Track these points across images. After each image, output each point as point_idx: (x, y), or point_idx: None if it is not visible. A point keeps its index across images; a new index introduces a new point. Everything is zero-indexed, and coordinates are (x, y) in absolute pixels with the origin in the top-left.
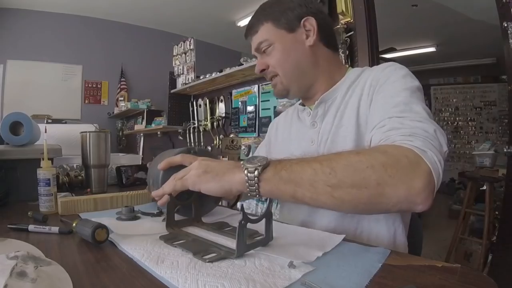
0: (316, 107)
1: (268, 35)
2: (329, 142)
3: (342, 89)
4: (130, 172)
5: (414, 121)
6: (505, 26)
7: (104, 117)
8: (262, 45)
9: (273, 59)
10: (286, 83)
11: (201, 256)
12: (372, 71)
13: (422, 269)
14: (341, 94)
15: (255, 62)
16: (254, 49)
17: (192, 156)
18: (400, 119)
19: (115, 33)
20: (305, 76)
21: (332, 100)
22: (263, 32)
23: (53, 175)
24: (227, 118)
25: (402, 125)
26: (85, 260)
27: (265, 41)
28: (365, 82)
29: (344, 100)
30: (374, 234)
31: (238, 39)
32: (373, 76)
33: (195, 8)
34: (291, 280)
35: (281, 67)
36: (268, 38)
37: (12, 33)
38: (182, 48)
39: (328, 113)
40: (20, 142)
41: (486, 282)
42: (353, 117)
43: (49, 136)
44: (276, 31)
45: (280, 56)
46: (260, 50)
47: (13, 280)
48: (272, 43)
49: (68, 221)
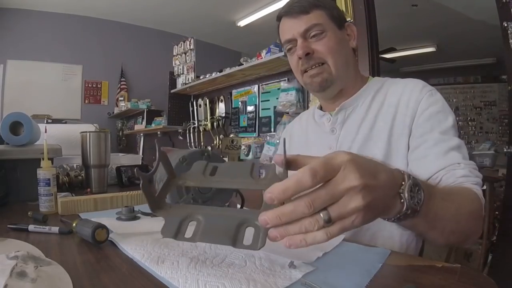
0: (336, 113)
1: (323, 21)
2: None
3: (366, 98)
4: (130, 172)
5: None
6: (505, 26)
7: (104, 117)
8: (313, 29)
9: (324, 46)
10: (336, 73)
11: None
12: (404, 86)
13: (422, 269)
14: (365, 104)
15: (255, 62)
16: (300, 30)
17: (323, 168)
18: (465, 167)
19: (115, 33)
20: (349, 74)
21: (353, 107)
22: (316, 16)
23: (53, 175)
24: (227, 118)
25: (471, 173)
26: (85, 260)
27: (319, 26)
28: (397, 99)
29: (370, 112)
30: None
31: (238, 39)
32: (410, 95)
33: (195, 8)
34: (292, 280)
35: (333, 55)
36: (323, 24)
37: (12, 33)
38: (182, 48)
39: (348, 120)
40: (20, 142)
41: (486, 282)
42: (384, 134)
43: (49, 136)
44: (329, 21)
45: (333, 44)
46: (308, 33)
47: (13, 280)
48: (325, 30)
49: (68, 221)
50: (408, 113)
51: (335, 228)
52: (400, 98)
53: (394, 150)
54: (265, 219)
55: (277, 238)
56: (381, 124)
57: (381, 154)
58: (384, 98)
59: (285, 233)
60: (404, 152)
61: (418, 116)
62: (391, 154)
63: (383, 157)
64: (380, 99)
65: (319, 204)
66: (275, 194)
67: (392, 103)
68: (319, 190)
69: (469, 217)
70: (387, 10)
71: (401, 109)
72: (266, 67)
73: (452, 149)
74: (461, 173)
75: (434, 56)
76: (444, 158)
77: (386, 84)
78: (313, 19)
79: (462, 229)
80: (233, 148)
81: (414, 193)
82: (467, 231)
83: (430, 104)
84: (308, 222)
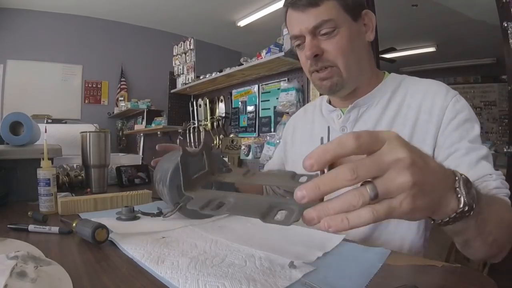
0: (349, 110)
1: (334, 15)
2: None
3: (382, 97)
4: (130, 172)
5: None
6: (505, 26)
7: (104, 117)
8: (324, 26)
9: (335, 46)
10: (347, 76)
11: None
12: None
13: (422, 269)
14: (381, 103)
15: (255, 62)
16: (309, 27)
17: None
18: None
19: (115, 33)
20: (362, 73)
21: (367, 106)
22: (328, 9)
23: (53, 175)
24: (227, 118)
25: (502, 185)
26: (85, 260)
27: (330, 21)
28: (418, 103)
29: (387, 113)
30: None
31: (238, 39)
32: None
33: (195, 8)
34: (292, 280)
35: (344, 57)
36: (335, 19)
37: (12, 33)
38: (182, 48)
39: (361, 119)
40: (20, 142)
41: (486, 282)
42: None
43: (49, 136)
44: (343, 14)
45: (345, 44)
46: (318, 31)
47: (13, 280)
48: (337, 27)
49: (68, 221)
50: (432, 120)
51: (382, 207)
52: (422, 102)
53: None
54: (302, 191)
55: (313, 220)
56: (400, 128)
57: None
58: (403, 99)
59: (324, 212)
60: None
61: (444, 125)
62: None
63: None
64: (398, 100)
65: (363, 172)
66: (314, 156)
67: (412, 106)
68: (363, 158)
69: (509, 226)
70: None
71: (423, 115)
72: (266, 67)
73: (482, 158)
74: (494, 185)
75: (434, 56)
76: (476, 168)
77: (404, 83)
78: (323, 13)
79: (503, 238)
80: (233, 148)
81: (468, 188)
82: (505, 242)
83: (457, 112)
84: (352, 195)
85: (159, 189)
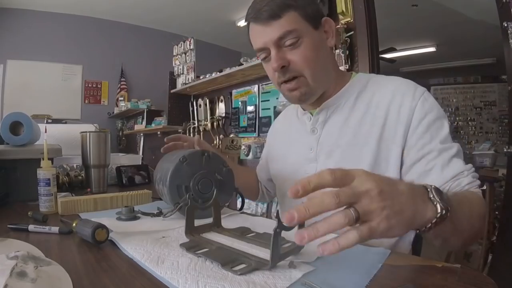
0: (317, 113)
1: (297, 25)
2: (337, 155)
3: (349, 98)
4: (130, 172)
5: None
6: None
7: (104, 117)
8: (288, 37)
9: (300, 56)
10: (314, 85)
11: (230, 267)
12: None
13: (422, 269)
14: (348, 103)
15: (255, 62)
16: (273, 39)
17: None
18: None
19: (115, 33)
20: (328, 79)
21: (335, 107)
22: (290, 20)
23: (53, 175)
24: (227, 118)
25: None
26: (85, 260)
27: (293, 32)
28: (387, 102)
29: (355, 112)
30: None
31: (238, 39)
32: (402, 100)
33: (195, 8)
34: (292, 280)
35: (309, 66)
36: (297, 29)
37: (12, 33)
38: (182, 48)
39: (329, 120)
40: (20, 142)
41: (486, 282)
42: (373, 139)
43: (49, 136)
44: (304, 23)
45: (309, 53)
46: (282, 42)
47: (13, 280)
48: (300, 36)
49: (68, 221)
50: (401, 120)
51: (364, 228)
52: (391, 101)
53: (383, 158)
54: (292, 213)
55: (304, 239)
56: (368, 127)
57: (369, 160)
58: (371, 98)
59: (314, 232)
60: (396, 162)
61: (414, 126)
62: (380, 162)
63: (371, 164)
64: (366, 99)
65: (344, 198)
66: (300, 184)
67: (381, 106)
68: (340, 188)
69: (479, 219)
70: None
71: (392, 114)
72: None
73: (454, 156)
74: (466, 181)
75: (434, 56)
76: (448, 167)
77: (371, 82)
78: (285, 24)
79: (475, 230)
80: (233, 148)
81: (440, 195)
82: (477, 233)
83: (426, 112)
84: (339, 216)
85: (159, 189)
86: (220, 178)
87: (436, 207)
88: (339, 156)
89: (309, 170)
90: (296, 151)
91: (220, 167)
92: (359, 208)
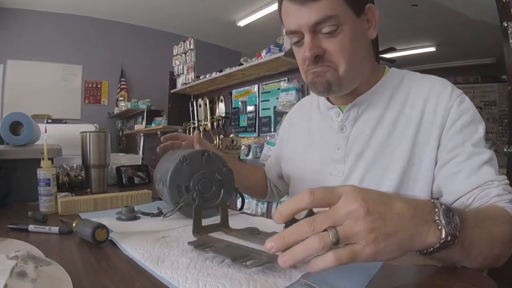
0: (348, 109)
1: (338, 11)
2: (368, 157)
3: (382, 95)
4: (130, 172)
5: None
6: (505, 26)
7: (104, 117)
8: (326, 23)
9: (338, 47)
10: (344, 78)
11: (240, 262)
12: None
13: (422, 269)
14: (382, 101)
15: (255, 62)
16: (310, 23)
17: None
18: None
19: (115, 33)
20: (363, 74)
21: (367, 104)
22: (331, 3)
23: (53, 175)
24: (227, 118)
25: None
26: (85, 260)
27: (333, 18)
28: (423, 103)
29: (389, 112)
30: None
31: (238, 39)
32: (438, 100)
33: (195, 8)
34: (292, 280)
35: (345, 59)
36: (338, 15)
37: (12, 33)
38: (182, 48)
39: (361, 118)
40: (20, 142)
41: (486, 282)
42: (407, 141)
43: (49, 136)
44: (346, 8)
45: (348, 44)
46: (319, 28)
47: (13, 280)
48: (340, 24)
49: (68, 221)
50: (436, 121)
51: (345, 250)
52: (426, 102)
53: (417, 161)
54: (270, 243)
55: (286, 263)
56: (403, 129)
57: (401, 163)
58: (406, 98)
59: (292, 255)
60: (430, 165)
61: (448, 126)
62: (413, 164)
63: (403, 167)
64: (401, 99)
65: (319, 224)
66: (280, 209)
67: (416, 106)
68: (320, 212)
69: (502, 241)
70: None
71: (427, 115)
72: (266, 67)
73: (485, 163)
74: (495, 192)
75: (434, 56)
76: (477, 174)
77: (406, 79)
78: (326, 8)
79: (495, 254)
80: (233, 148)
81: (449, 218)
82: (500, 256)
83: (461, 113)
84: (313, 240)
85: (159, 189)
86: (220, 178)
87: (440, 232)
88: (371, 158)
89: (334, 172)
90: (317, 150)
91: (220, 167)
92: (340, 230)
